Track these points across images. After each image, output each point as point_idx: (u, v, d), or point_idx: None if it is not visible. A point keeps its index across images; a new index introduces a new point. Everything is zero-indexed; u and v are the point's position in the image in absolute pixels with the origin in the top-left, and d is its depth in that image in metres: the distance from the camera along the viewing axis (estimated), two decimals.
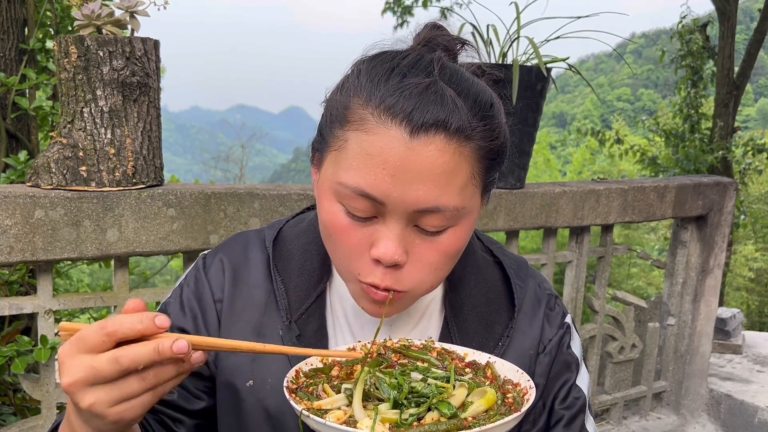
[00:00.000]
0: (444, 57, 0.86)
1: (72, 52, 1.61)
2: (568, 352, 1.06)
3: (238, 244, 1.07)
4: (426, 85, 0.81)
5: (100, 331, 0.68)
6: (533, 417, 1.04)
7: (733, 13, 9.08)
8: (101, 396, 0.68)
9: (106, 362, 0.68)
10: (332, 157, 0.86)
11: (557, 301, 1.09)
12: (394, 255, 0.83)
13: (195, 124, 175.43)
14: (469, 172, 0.83)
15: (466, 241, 0.89)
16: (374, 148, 0.80)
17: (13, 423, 1.92)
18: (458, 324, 1.01)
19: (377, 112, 0.80)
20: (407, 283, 0.86)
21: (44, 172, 1.66)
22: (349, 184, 0.82)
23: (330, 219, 0.86)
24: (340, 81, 0.90)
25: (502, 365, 0.87)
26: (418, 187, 0.80)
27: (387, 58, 0.85)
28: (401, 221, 0.82)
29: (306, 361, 0.86)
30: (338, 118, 0.85)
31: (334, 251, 0.89)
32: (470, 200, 0.86)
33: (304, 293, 1.01)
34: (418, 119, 0.78)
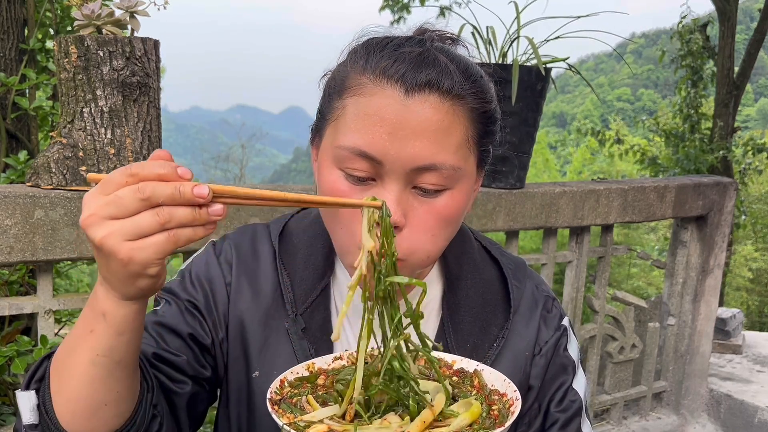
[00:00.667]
0: (436, 38, 0.92)
1: (72, 52, 1.61)
2: (565, 355, 1.06)
3: (247, 236, 1.08)
4: (419, 51, 0.86)
5: (124, 172, 0.67)
6: (528, 419, 1.04)
7: (733, 13, 9.08)
8: (114, 228, 0.66)
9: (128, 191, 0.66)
10: (331, 128, 0.89)
11: (555, 303, 1.09)
12: (393, 215, 0.83)
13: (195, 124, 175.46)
14: (463, 132, 0.86)
15: (463, 207, 0.91)
16: (371, 108, 0.83)
17: (13, 423, 1.92)
18: (454, 325, 1.01)
19: (373, 76, 0.85)
20: (405, 248, 0.87)
21: (44, 172, 1.66)
22: (348, 145, 0.84)
23: (330, 186, 0.88)
24: (337, 61, 0.94)
25: (490, 374, 0.86)
26: (415, 144, 0.83)
27: (382, 37, 0.91)
28: (399, 182, 0.85)
29: (292, 369, 0.85)
30: (336, 89, 0.89)
31: (334, 220, 0.90)
32: (465, 162, 0.88)
33: (309, 287, 1.01)
34: (412, 79, 0.83)
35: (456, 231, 0.94)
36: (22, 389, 0.82)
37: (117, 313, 0.73)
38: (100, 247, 0.67)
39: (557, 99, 69.40)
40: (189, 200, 0.67)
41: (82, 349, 0.75)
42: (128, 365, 0.78)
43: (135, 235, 0.67)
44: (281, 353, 0.98)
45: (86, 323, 0.75)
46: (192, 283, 1.01)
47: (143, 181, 0.67)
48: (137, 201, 0.66)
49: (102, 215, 0.67)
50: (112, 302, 0.72)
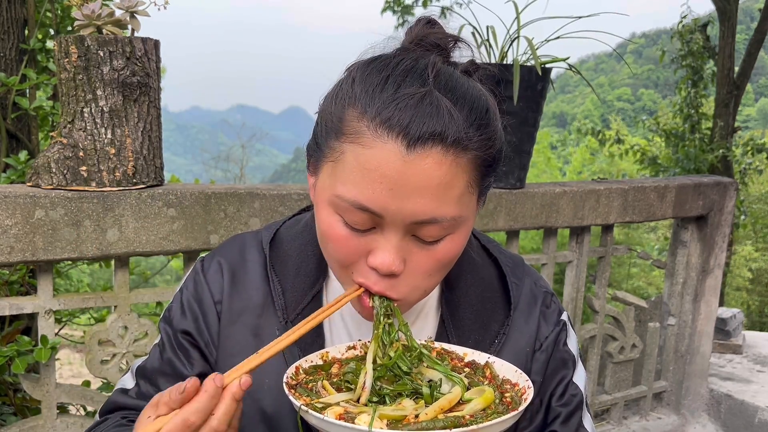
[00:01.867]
0: (438, 61, 0.86)
1: (72, 52, 1.61)
2: (565, 350, 1.06)
3: (235, 246, 1.07)
4: (421, 96, 0.80)
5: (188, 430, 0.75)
6: (530, 414, 1.04)
7: (734, 13, 9.08)
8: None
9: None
10: (329, 168, 0.86)
11: (553, 298, 1.10)
12: (391, 265, 0.83)
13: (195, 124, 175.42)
14: (465, 182, 0.83)
15: (463, 247, 0.90)
16: (371, 163, 0.79)
17: (13, 423, 1.92)
18: (455, 322, 1.01)
19: (373, 125, 0.80)
20: (402, 291, 0.87)
21: (44, 172, 1.66)
22: (347, 198, 0.82)
23: (327, 229, 0.87)
24: (333, 88, 0.89)
25: (501, 365, 0.87)
26: (416, 200, 0.80)
27: (381, 66, 0.85)
28: (399, 232, 0.83)
29: (306, 357, 0.87)
30: (333, 129, 0.84)
31: (331, 258, 0.90)
32: (467, 208, 0.86)
33: (300, 294, 1.01)
34: (414, 132, 0.78)
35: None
36: None
37: None
38: None
39: (557, 99, 69.37)
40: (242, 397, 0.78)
41: None
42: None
43: None
44: (272, 361, 0.97)
45: None
46: (182, 309, 1.03)
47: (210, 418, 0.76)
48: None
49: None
50: None
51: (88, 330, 1.84)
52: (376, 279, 0.85)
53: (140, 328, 1.86)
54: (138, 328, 1.85)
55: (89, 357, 1.80)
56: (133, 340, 1.85)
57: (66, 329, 3.80)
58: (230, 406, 0.75)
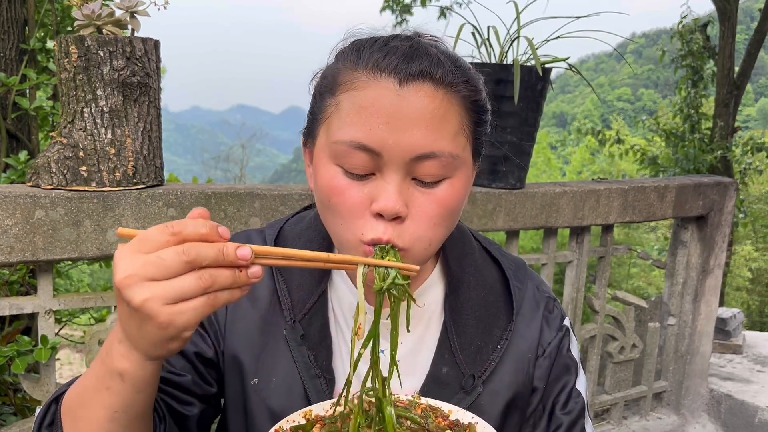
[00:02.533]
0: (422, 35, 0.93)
1: (72, 52, 1.61)
2: (568, 356, 1.06)
3: (241, 243, 1.07)
4: (409, 44, 0.87)
5: (165, 230, 0.66)
6: (533, 420, 1.04)
7: (734, 13, 9.08)
8: (157, 291, 0.65)
9: (172, 252, 0.65)
10: (325, 126, 0.89)
11: (555, 303, 1.09)
12: (395, 206, 0.83)
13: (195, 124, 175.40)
14: (458, 120, 0.87)
15: (463, 197, 0.91)
16: (366, 101, 0.83)
17: (13, 423, 1.92)
18: (457, 328, 1.01)
19: (366, 70, 0.85)
20: (408, 238, 0.86)
21: (45, 172, 1.66)
22: (345, 139, 0.84)
23: (328, 182, 0.87)
24: (327, 63, 0.94)
25: (484, 428, 0.87)
26: (413, 132, 0.83)
27: (368, 36, 0.92)
28: (399, 173, 0.84)
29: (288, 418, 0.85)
30: (328, 87, 0.89)
31: (335, 216, 0.89)
32: (463, 150, 0.88)
33: (306, 293, 1.01)
34: (405, 70, 0.83)
35: (456, 221, 0.94)
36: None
37: (137, 374, 0.72)
38: (139, 309, 0.65)
39: (557, 99, 69.37)
40: (232, 262, 0.67)
41: (98, 405, 0.74)
42: (145, 416, 0.79)
43: (177, 298, 0.66)
44: (280, 360, 0.98)
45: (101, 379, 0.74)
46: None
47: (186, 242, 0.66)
48: (181, 263, 0.65)
49: (142, 276, 0.65)
50: (132, 363, 0.71)
51: (88, 330, 1.84)
52: (384, 228, 0.85)
53: None
54: None
55: (89, 357, 1.80)
56: None
57: (66, 329, 3.80)
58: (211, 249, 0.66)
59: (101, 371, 0.74)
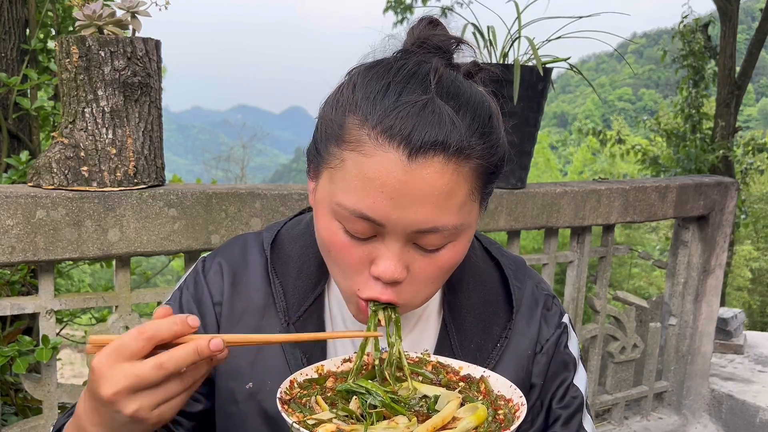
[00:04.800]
0: (440, 65, 0.84)
1: (73, 52, 1.61)
2: (566, 352, 1.06)
3: (236, 247, 1.07)
4: (423, 103, 0.79)
5: (139, 337, 0.72)
6: (531, 416, 1.04)
7: (735, 13, 9.07)
8: (145, 402, 0.72)
9: (151, 369, 0.71)
10: (329, 174, 0.85)
11: (554, 301, 1.10)
12: (393, 273, 0.83)
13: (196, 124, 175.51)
14: (467, 190, 0.82)
15: (464, 253, 0.89)
16: (372, 172, 0.79)
17: (14, 423, 1.92)
18: (456, 326, 1.01)
19: (374, 133, 0.79)
20: (404, 297, 0.86)
21: (46, 172, 1.66)
22: (348, 207, 0.81)
23: (329, 237, 0.86)
24: (334, 93, 0.88)
25: (496, 380, 0.86)
26: (417, 210, 0.79)
27: (382, 71, 0.83)
28: (400, 240, 0.82)
29: (301, 371, 0.86)
30: (334, 135, 0.83)
31: (333, 267, 0.89)
32: (468, 216, 0.85)
33: (302, 296, 1.00)
34: (416, 141, 0.77)
35: None
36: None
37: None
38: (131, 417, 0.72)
39: (558, 99, 69.33)
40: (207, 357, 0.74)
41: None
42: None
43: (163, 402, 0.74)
44: (273, 363, 0.97)
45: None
46: (181, 308, 1.02)
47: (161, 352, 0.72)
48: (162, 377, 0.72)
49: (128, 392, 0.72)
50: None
51: (89, 330, 1.85)
52: (381, 289, 0.85)
53: None
54: None
55: (90, 357, 1.80)
56: None
57: (67, 329, 3.80)
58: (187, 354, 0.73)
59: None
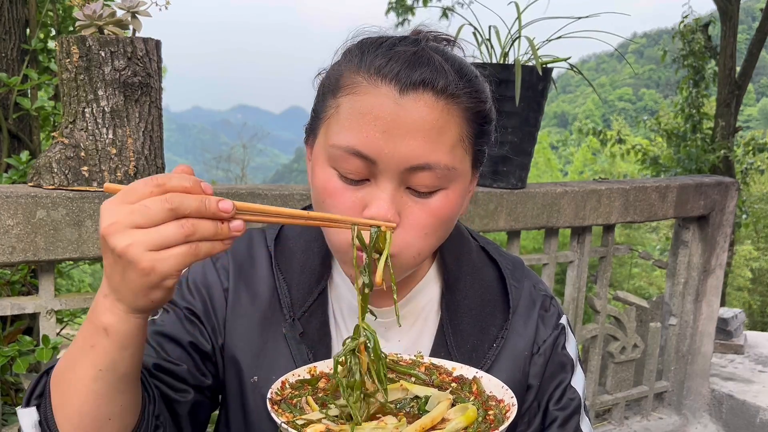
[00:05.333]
0: (431, 38, 0.92)
1: (74, 52, 1.61)
2: (563, 353, 1.06)
3: (242, 242, 1.07)
4: (414, 51, 0.85)
5: (150, 182, 0.68)
6: (528, 417, 1.04)
7: (735, 13, 9.07)
8: (139, 237, 0.66)
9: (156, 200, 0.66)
10: (325, 127, 0.89)
11: (552, 301, 1.09)
12: (386, 214, 0.83)
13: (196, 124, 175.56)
14: (457, 131, 0.86)
15: (457, 208, 0.90)
16: (365, 107, 0.83)
17: (15, 422, 1.92)
18: (453, 326, 1.01)
19: (368, 74, 0.84)
20: (397, 245, 0.86)
21: (46, 172, 1.66)
22: (342, 144, 0.84)
23: (323, 184, 0.88)
24: (332, 61, 0.94)
25: (489, 381, 0.87)
26: (409, 143, 0.82)
27: (376, 37, 0.90)
28: (393, 181, 0.84)
29: (293, 372, 0.86)
30: (330, 88, 0.89)
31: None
32: (460, 162, 0.88)
33: (306, 291, 1.01)
34: (406, 78, 0.82)
35: (449, 231, 0.94)
36: (23, 406, 0.81)
37: (121, 328, 0.72)
38: (122, 255, 0.67)
39: (558, 99, 69.34)
40: (214, 214, 0.68)
41: (84, 365, 0.74)
42: (131, 378, 0.78)
43: (159, 245, 0.67)
44: (279, 358, 0.98)
45: (87, 338, 0.74)
46: (190, 290, 1.01)
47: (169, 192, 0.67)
48: (164, 211, 0.66)
49: (126, 224, 0.66)
50: (116, 316, 0.71)
51: None
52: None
53: None
54: None
55: None
56: None
57: (67, 329, 3.80)
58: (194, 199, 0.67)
59: (87, 330, 0.74)
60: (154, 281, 0.68)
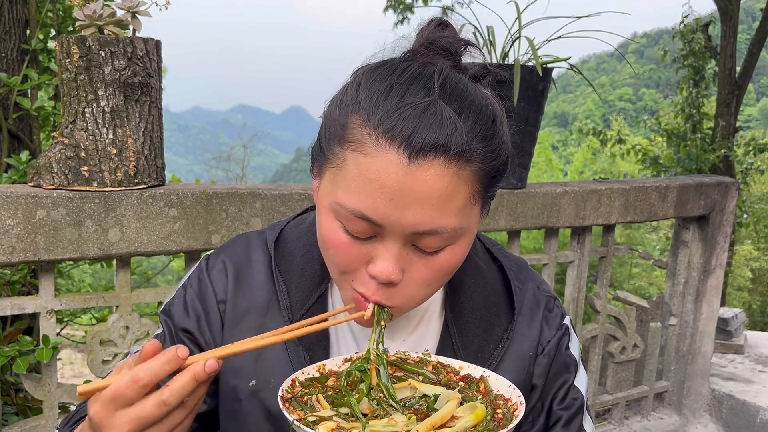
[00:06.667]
0: (446, 67, 0.84)
1: (74, 52, 1.61)
2: (567, 354, 1.06)
3: (240, 246, 1.07)
4: (425, 105, 0.79)
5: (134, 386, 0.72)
6: (532, 417, 1.04)
7: (735, 13, 9.07)
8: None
9: (154, 407, 0.72)
10: (331, 174, 0.85)
11: (556, 302, 1.10)
12: (390, 274, 0.83)
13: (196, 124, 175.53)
14: (467, 193, 0.82)
15: (464, 257, 0.89)
16: (372, 172, 0.79)
17: (15, 423, 1.92)
18: (458, 327, 1.01)
19: (375, 134, 0.79)
20: (398, 300, 0.87)
21: (46, 172, 1.66)
22: (348, 206, 0.81)
23: (328, 235, 0.86)
24: (339, 93, 0.88)
25: (496, 380, 0.87)
26: (416, 211, 0.79)
27: (386, 72, 0.83)
28: (399, 241, 0.82)
29: (303, 370, 0.86)
30: (336, 135, 0.84)
31: (331, 263, 0.90)
32: (469, 219, 0.85)
33: (305, 294, 1.01)
34: (416, 143, 0.77)
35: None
36: None
37: None
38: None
39: (559, 99, 69.33)
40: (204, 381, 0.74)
41: None
42: None
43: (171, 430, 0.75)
44: (276, 361, 0.98)
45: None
46: (185, 307, 1.02)
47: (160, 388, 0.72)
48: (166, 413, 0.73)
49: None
50: None
51: (89, 330, 1.85)
52: (374, 288, 0.85)
53: (142, 328, 1.86)
54: (139, 328, 1.85)
55: (91, 357, 1.80)
56: (135, 340, 1.85)
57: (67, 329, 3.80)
58: (187, 384, 0.72)
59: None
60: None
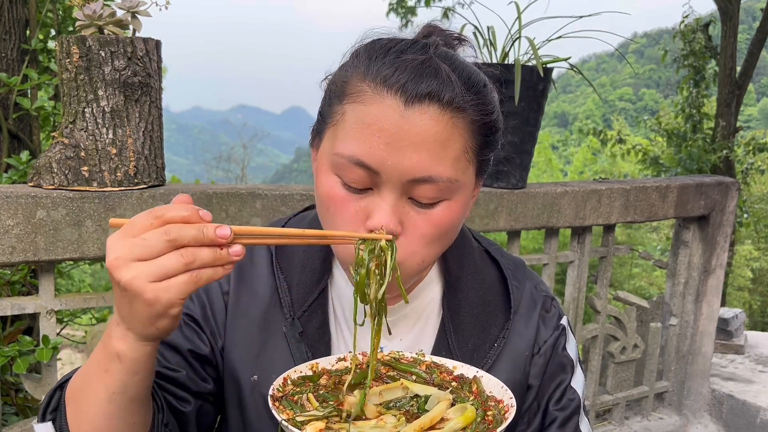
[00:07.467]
0: (441, 43, 0.90)
1: (74, 52, 1.61)
2: (563, 354, 1.06)
3: None
4: (421, 60, 0.84)
5: (149, 215, 0.71)
6: (528, 418, 1.05)
7: (736, 13, 9.07)
8: (142, 269, 0.69)
9: (155, 233, 0.69)
10: (330, 132, 0.89)
11: (553, 302, 1.10)
12: (388, 223, 0.84)
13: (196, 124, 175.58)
14: (462, 144, 0.85)
15: (460, 218, 0.91)
16: (370, 117, 0.83)
17: (14, 423, 1.92)
18: (455, 326, 1.02)
19: (374, 84, 0.84)
20: (401, 252, 0.87)
21: (46, 172, 1.66)
22: (345, 154, 0.84)
23: (327, 191, 0.88)
24: (340, 63, 0.93)
25: (489, 380, 0.87)
26: (412, 156, 0.82)
27: (385, 41, 0.89)
28: (395, 191, 0.84)
29: (295, 368, 0.87)
30: (337, 93, 0.88)
31: (331, 225, 0.90)
32: (463, 174, 0.87)
33: (306, 290, 1.02)
34: (412, 90, 0.82)
35: (453, 239, 0.94)
36: (39, 421, 0.84)
37: (131, 355, 0.75)
38: (126, 288, 0.69)
39: (559, 99, 69.34)
40: (212, 241, 0.71)
41: (98, 387, 0.77)
42: (142, 399, 0.81)
43: (160, 276, 0.69)
44: (279, 357, 0.98)
45: (100, 361, 0.77)
46: (190, 296, 1.02)
47: (168, 224, 0.70)
48: (163, 242, 0.69)
49: (128, 257, 0.69)
50: (127, 344, 0.75)
51: (89, 330, 1.85)
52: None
53: None
54: None
55: (92, 346, 1.80)
56: None
57: (67, 329, 3.80)
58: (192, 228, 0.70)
59: (101, 354, 0.77)
60: (160, 311, 0.70)
